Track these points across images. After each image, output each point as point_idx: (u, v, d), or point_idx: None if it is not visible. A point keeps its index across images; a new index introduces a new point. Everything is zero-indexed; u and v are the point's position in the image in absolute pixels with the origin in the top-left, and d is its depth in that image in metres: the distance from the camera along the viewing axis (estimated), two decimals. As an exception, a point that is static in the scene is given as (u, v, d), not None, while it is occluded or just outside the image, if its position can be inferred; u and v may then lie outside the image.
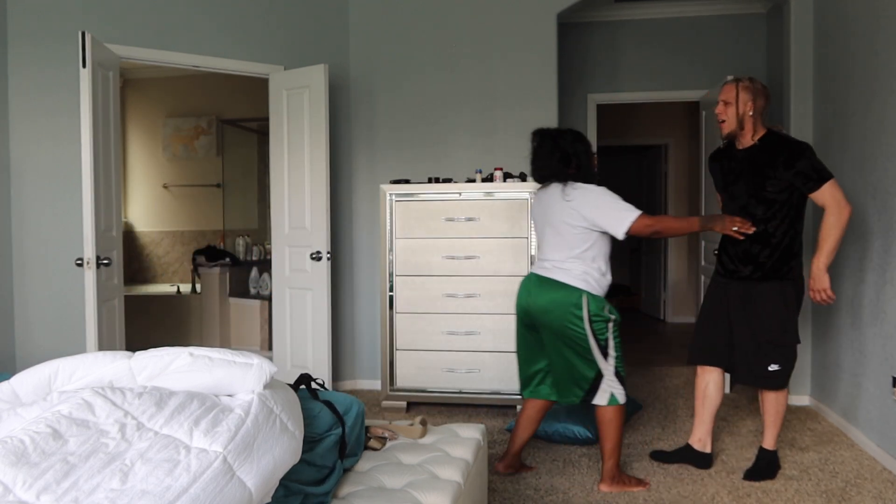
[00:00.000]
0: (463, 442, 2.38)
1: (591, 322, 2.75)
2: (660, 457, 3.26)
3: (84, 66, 3.32)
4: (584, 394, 2.82)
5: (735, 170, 3.02)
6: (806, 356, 4.09)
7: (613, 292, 8.85)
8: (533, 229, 3.05)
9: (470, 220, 3.96)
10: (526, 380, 3.04)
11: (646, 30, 5.26)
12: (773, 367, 2.95)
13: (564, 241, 2.80)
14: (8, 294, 3.71)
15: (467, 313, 3.98)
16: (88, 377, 1.72)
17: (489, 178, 4.03)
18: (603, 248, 2.83)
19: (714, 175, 3.20)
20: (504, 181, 3.98)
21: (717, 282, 3.16)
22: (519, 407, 3.98)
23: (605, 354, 2.79)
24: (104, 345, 3.46)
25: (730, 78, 3.06)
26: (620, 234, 2.75)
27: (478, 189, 3.94)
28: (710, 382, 3.15)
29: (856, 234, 3.49)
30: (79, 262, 3.43)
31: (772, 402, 3.04)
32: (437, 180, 4.07)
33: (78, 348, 3.66)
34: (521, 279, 3.85)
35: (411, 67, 4.51)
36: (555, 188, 2.86)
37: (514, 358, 3.93)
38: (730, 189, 3.06)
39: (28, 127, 3.72)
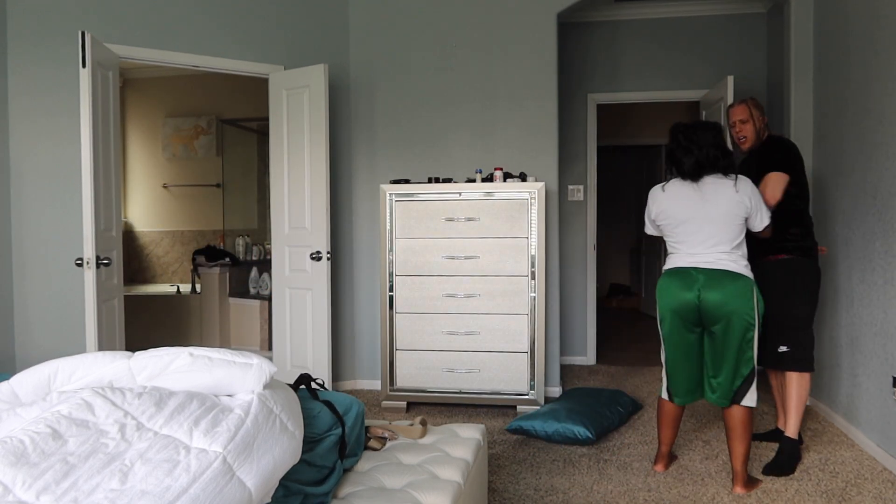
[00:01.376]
0: (463, 442, 2.38)
1: (757, 312, 2.77)
2: (754, 437, 3.43)
3: (84, 65, 3.32)
4: (733, 394, 2.80)
5: (746, 170, 3.30)
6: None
7: (613, 292, 8.88)
8: (667, 224, 2.91)
9: (470, 220, 3.96)
10: (694, 386, 2.93)
11: (646, 30, 5.26)
12: (782, 349, 3.13)
13: (727, 233, 2.80)
14: (8, 294, 3.71)
15: (467, 313, 3.98)
16: (88, 377, 1.72)
17: (489, 178, 4.03)
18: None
19: None
20: (504, 181, 3.98)
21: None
22: (519, 408, 3.98)
23: (757, 348, 2.81)
24: (104, 345, 3.46)
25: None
26: (760, 227, 2.88)
27: (478, 189, 3.94)
28: (780, 374, 3.39)
29: (856, 235, 3.49)
30: (79, 262, 3.43)
31: (793, 386, 3.13)
32: (437, 180, 4.07)
33: (78, 348, 3.66)
34: (522, 279, 3.90)
35: (411, 67, 4.51)
36: (714, 181, 2.83)
37: (514, 358, 3.95)
38: None
39: (28, 127, 3.72)
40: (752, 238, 3.26)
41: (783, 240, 3.15)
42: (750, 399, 2.80)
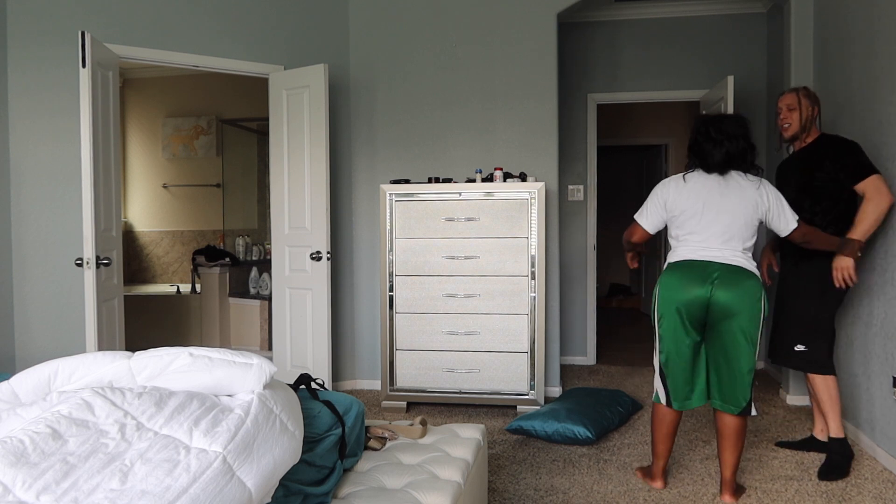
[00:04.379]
0: (463, 442, 2.38)
1: (763, 315, 2.68)
2: (787, 444, 3.45)
3: (84, 65, 3.32)
4: (745, 402, 2.69)
5: (790, 167, 3.30)
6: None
7: (613, 292, 8.88)
8: (681, 214, 2.75)
9: (470, 220, 3.96)
10: (692, 390, 2.76)
11: (646, 29, 5.26)
12: (798, 348, 3.11)
13: (742, 231, 2.70)
14: (8, 294, 3.71)
15: (467, 313, 3.98)
16: (88, 377, 1.72)
17: (489, 178, 4.03)
18: None
19: (777, 181, 3.36)
20: (504, 181, 3.98)
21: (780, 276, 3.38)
22: (519, 407, 3.98)
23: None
24: (104, 345, 3.46)
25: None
26: (786, 233, 2.77)
27: (478, 189, 3.94)
28: (817, 379, 3.28)
29: (856, 234, 3.49)
30: (78, 261, 3.43)
31: (821, 388, 3.11)
32: (437, 180, 4.07)
33: (78, 348, 3.67)
34: (522, 279, 3.90)
35: (411, 67, 4.51)
36: (738, 176, 2.74)
37: (514, 358, 3.95)
38: (781, 185, 3.27)
39: (28, 127, 3.72)
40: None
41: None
42: (754, 408, 2.74)
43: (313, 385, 2.22)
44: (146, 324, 5.65)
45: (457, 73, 4.46)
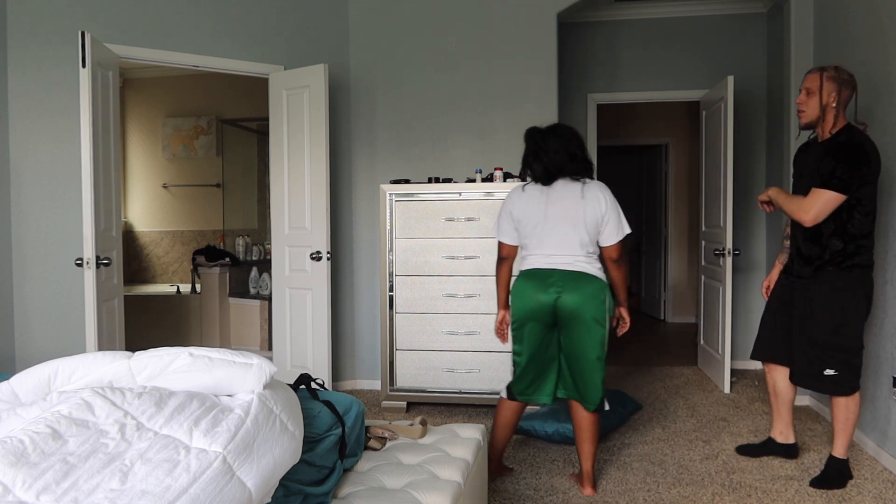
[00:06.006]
0: (463, 442, 2.38)
1: (609, 318, 2.79)
2: (746, 450, 3.34)
3: (84, 65, 3.32)
4: (599, 401, 2.81)
5: (808, 157, 2.97)
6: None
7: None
8: (524, 226, 2.84)
9: (470, 220, 3.96)
10: (542, 385, 2.88)
11: (646, 30, 5.26)
12: (828, 372, 2.88)
13: (581, 237, 2.77)
14: (8, 294, 3.71)
15: (467, 313, 3.98)
16: (88, 377, 1.72)
17: (489, 178, 4.03)
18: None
19: (794, 170, 3.15)
20: (504, 181, 3.98)
21: (780, 281, 3.20)
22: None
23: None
24: (104, 345, 3.46)
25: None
26: (607, 242, 2.81)
27: (478, 189, 3.94)
28: (779, 379, 3.24)
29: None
30: (78, 261, 3.43)
31: (840, 408, 2.93)
32: (437, 180, 4.07)
33: (78, 348, 3.67)
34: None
35: (411, 67, 4.51)
36: (564, 185, 2.80)
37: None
38: (796, 183, 3.06)
39: (28, 127, 3.72)
40: (807, 245, 2.96)
41: (831, 253, 2.86)
42: (606, 403, 2.88)
43: (313, 385, 2.22)
44: (146, 324, 5.65)
45: (457, 74, 4.46)
